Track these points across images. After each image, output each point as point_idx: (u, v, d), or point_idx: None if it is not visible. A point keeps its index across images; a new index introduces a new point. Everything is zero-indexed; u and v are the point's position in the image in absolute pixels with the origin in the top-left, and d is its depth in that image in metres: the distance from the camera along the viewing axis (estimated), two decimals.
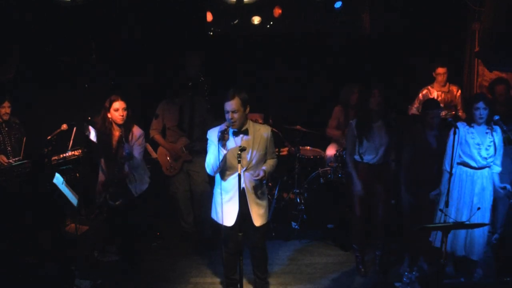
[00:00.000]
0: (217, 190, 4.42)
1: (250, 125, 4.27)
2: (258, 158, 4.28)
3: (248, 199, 4.31)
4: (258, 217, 4.38)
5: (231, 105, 4.11)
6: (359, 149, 4.90)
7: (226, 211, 4.35)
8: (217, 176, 4.40)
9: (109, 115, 4.93)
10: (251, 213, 4.34)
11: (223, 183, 4.36)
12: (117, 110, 4.90)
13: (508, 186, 4.68)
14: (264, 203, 4.45)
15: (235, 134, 4.23)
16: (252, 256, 4.67)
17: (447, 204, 4.53)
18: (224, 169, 4.31)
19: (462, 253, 4.76)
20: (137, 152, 5.02)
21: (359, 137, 4.89)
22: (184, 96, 5.57)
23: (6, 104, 5.64)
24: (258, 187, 4.37)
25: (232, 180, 4.30)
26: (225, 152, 4.14)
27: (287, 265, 5.33)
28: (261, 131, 4.29)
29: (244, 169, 4.24)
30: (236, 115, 4.12)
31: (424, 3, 6.71)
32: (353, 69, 7.08)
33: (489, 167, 4.70)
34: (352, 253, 5.43)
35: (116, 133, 4.99)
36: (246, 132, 4.23)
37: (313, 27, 7.41)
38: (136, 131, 5.05)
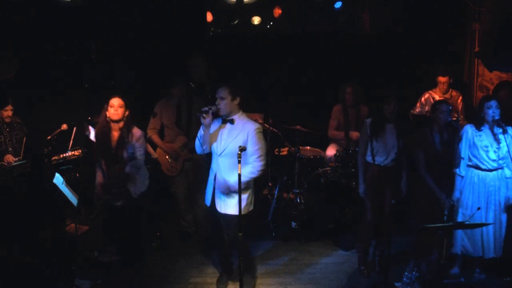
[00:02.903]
0: None
1: (239, 117, 4.48)
2: (232, 149, 4.37)
3: (216, 185, 4.51)
4: (221, 204, 4.51)
5: (220, 92, 4.43)
6: (372, 149, 4.91)
7: (206, 192, 4.67)
8: None
9: (108, 114, 4.94)
10: (216, 198, 4.53)
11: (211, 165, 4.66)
12: (113, 107, 4.90)
13: (510, 198, 4.72)
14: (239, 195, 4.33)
15: (223, 121, 4.50)
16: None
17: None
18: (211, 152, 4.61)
19: (489, 256, 4.78)
20: (139, 153, 5.01)
21: (371, 137, 4.90)
22: (182, 94, 5.56)
23: (9, 107, 5.65)
24: (234, 175, 4.35)
25: (213, 164, 4.60)
26: (204, 129, 4.45)
27: (287, 265, 5.33)
28: (247, 125, 4.45)
29: (218, 154, 4.48)
30: (222, 102, 4.41)
31: (424, 3, 6.72)
32: (353, 69, 7.08)
33: (502, 168, 4.71)
34: (352, 253, 5.43)
35: (115, 133, 4.98)
36: (232, 121, 4.47)
37: (313, 27, 7.42)
38: (136, 132, 5.03)
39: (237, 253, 4.20)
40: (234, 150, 4.32)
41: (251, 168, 4.38)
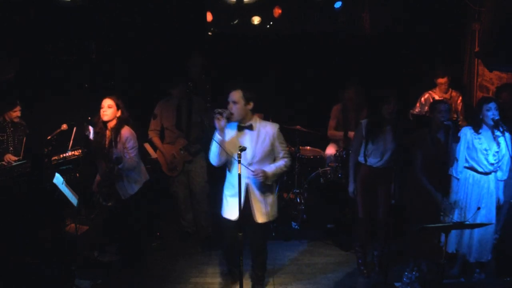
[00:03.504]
0: (225, 185, 4.49)
1: (256, 121, 4.31)
2: (262, 154, 4.29)
3: (250, 196, 4.32)
4: (260, 215, 4.38)
5: (232, 95, 4.20)
6: (365, 150, 4.90)
7: (230, 206, 4.39)
8: (226, 170, 4.46)
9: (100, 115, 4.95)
10: (253, 209, 4.35)
11: (229, 177, 4.42)
12: (102, 107, 4.91)
13: (501, 199, 4.73)
14: (270, 201, 4.44)
15: (239, 128, 4.27)
16: (251, 251, 4.70)
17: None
18: (229, 163, 4.37)
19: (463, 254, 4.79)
20: (127, 155, 4.94)
21: (366, 138, 4.88)
22: (182, 95, 5.56)
23: (18, 108, 5.67)
24: (263, 184, 4.33)
25: (236, 176, 4.27)
26: (219, 138, 4.17)
27: (287, 265, 5.33)
28: (268, 128, 4.32)
29: (247, 164, 4.23)
30: (234, 107, 4.18)
31: (424, 3, 6.72)
32: (353, 69, 7.08)
33: (496, 171, 4.71)
34: (352, 253, 5.43)
35: (109, 133, 4.99)
36: (250, 127, 4.27)
37: (313, 27, 7.41)
38: (125, 133, 4.95)
39: (238, 252, 4.18)
40: (263, 157, 4.29)
41: (284, 162, 4.38)
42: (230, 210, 4.38)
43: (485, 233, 4.72)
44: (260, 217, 4.39)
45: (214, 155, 4.30)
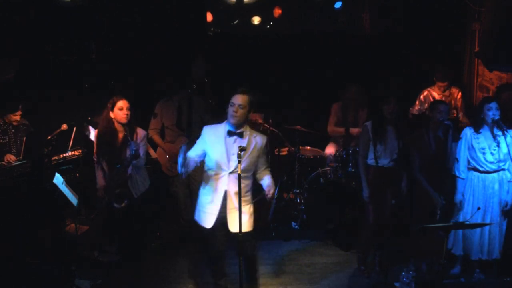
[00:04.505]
0: (201, 191, 4.33)
1: (247, 130, 4.21)
2: (247, 164, 4.16)
3: (227, 203, 4.16)
4: (235, 224, 4.11)
5: (241, 99, 4.08)
6: (375, 152, 4.88)
7: (207, 213, 4.25)
8: (205, 176, 4.31)
9: (111, 115, 4.92)
10: (227, 218, 4.18)
11: (209, 183, 4.25)
12: (122, 109, 4.88)
13: (509, 203, 4.71)
14: (246, 210, 4.22)
15: (230, 134, 4.15)
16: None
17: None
18: (211, 169, 4.22)
19: (477, 256, 4.79)
20: (142, 151, 5.02)
21: (374, 140, 4.87)
22: (182, 94, 5.56)
23: (19, 112, 5.65)
24: (242, 193, 4.08)
25: (215, 182, 4.19)
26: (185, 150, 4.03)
27: (287, 265, 5.33)
28: (257, 138, 4.22)
29: (230, 171, 4.14)
30: (240, 111, 4.08)
31: (424, 3, 6.72)
32: (353, 69, 7.08)
33: (503, 170, 4.71)
34: (352, 253, 5.43)
35: (120, 134, 4.97)
36: (241, 135, 4.16)
37: (313, 27, 7.42)
38: (141, 131, 5.06)
39: (237, 253, 4.15)
40: (247, 168, 4.14)
41: (270, 175, 4.30)
42: (209, 218, 4.23)
43: (495, 231, 4.73)
44: (234, 227, 4.14)
45: (179, 164, 3.99)
